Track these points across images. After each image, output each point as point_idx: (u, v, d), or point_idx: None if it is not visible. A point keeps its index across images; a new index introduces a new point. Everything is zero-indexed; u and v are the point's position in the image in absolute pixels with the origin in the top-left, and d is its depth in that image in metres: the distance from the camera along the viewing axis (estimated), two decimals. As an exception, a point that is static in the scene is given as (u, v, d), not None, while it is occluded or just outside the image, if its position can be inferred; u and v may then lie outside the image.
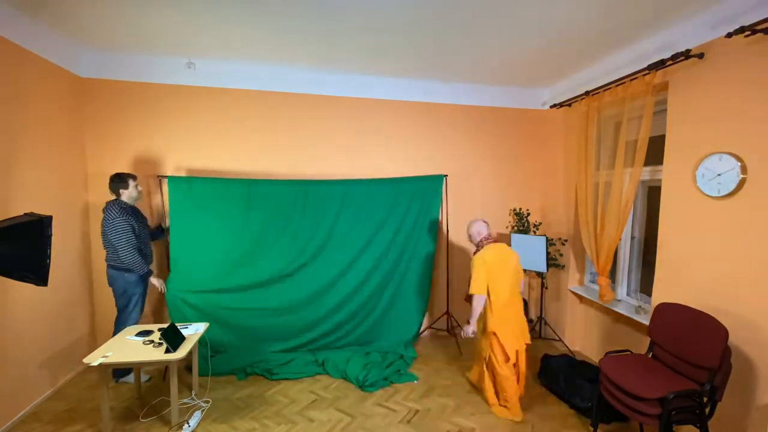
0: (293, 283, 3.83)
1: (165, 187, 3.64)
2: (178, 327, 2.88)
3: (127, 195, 3.14)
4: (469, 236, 3.11)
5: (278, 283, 3.81)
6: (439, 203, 4.17)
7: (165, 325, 2.84)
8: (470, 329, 2.91)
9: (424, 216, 4.11)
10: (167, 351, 2.59)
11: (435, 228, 4.17)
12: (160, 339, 2.72)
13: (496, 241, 3.04)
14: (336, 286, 3.92)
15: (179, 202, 3.56)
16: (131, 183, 3.15)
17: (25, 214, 2.20)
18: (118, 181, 3.12)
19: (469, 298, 2.93)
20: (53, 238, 2.21)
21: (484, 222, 3.09)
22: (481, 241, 3.03)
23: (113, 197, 3.15)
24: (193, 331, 2.93)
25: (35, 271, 2.05)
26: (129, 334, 2.88)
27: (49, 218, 2.13)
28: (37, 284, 2.07)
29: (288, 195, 3.79)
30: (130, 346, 2.68)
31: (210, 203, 3.62)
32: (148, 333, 2.89)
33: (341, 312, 3.92)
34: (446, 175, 4.20)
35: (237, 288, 3.71)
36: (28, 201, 2.82)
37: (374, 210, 3.98)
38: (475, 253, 3.01)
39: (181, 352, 2.59)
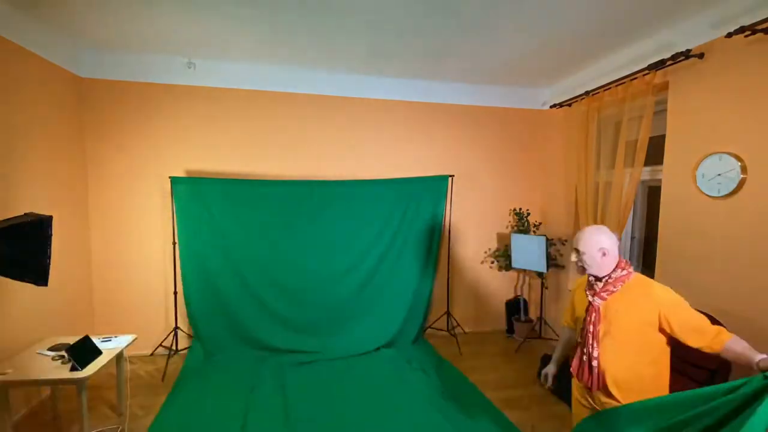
0: (300, 286, 3.84)
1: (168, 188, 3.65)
2: (96, 340, 2.63)
3: None
4: (604, 253, 1.62)
5: (284, 287, 3.81)
6: (444, 203, 4.16)
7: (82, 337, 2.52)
8: None
9: (430, 216, 4.10)
10: (73, 368, 2.30)
11: (440, 228, 4.15)
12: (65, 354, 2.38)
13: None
14: (341, 286, 3.92)
15: (186, 203, 3.58)
16: None
17: (25, 214, 2.20)
18: None
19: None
20: (53, 237, 2.21)
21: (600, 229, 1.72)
22: (620, 263, 1.65)
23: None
24: (114, 345, 2.65)
25: (35, 270, 2.05)
26: (43, 347, 2.60)
27: (49, 218, 2.14)
28: (37, 284, 2.07)
29: (294, 196, 3.79)
30: (37, 362, 2.42)
31: (218, 205, 3.63)
32: (65, 347, 2.48)
33: (343, 311, 3.92)
34: (452, 176, 4.19)
35: (245, 289, 3.73)
36: (28, 201, 2.81)
37: (382, 210, 3.98)
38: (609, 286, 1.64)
39: (89, 371, 2.30)
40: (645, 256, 3.49)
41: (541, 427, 2.83)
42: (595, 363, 1.62)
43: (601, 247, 1.61)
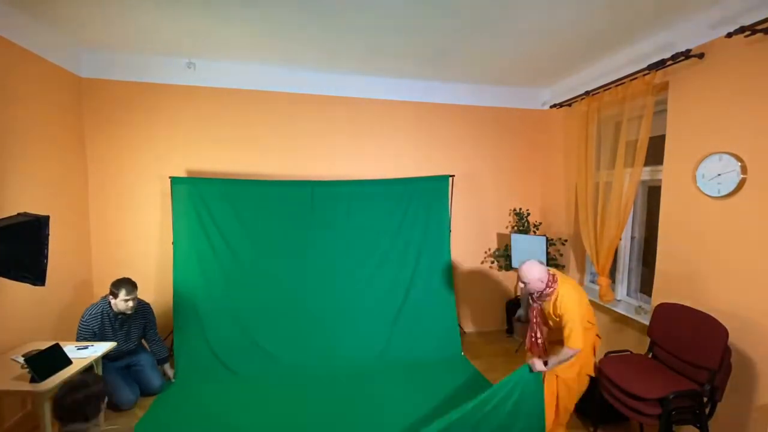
0: (303, 288, 3.82)
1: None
2: (72, 348, 2.54)
3: (113, 304, 2.90)
4: (527, 284, 2.41)
5: (287, 289, 3.79)
6: (446, 203, 4.16)
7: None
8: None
9: (431, 216, 4.08)
10: (32, 380, 2.17)
11: (444, 228, 4.12)
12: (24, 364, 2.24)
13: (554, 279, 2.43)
14: (347, 289, 3.90)
15: (186, 203, 3.56)
16: (122, 294, 2.86)
17: (18, 214, 2.20)
18: (115, 286, 2.89)
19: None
20: (51, 238, 2.21)
21: (537, 262, 2.45)
22: (547, 286, 2.40)
23: None
24: (89, 354, 2.52)
25: (33, 270, 2.05)
26: (20, 352, 2.48)
27: (46, 218, 2.13)
28: (35, 284, 2.07)
29: (293, 196, 3.79)
30: (4, 369, 2.33)
31: (218, 205, 3.63)
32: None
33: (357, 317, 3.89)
34: (453, 176, 4.18)
35: (243, 290, 3.70)
36: (27, 201, 2.81)
37: (382, 211, 3.97)
38: (549, 295, 2.41)
39: (49, 384, 2.15)
40: (645, 256, 3.49)
41: (541, 428, 2.82)
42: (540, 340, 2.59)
43: (539, 277, 2.40)
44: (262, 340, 3.68)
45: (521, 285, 2.63)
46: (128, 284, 2.91)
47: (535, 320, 2.55)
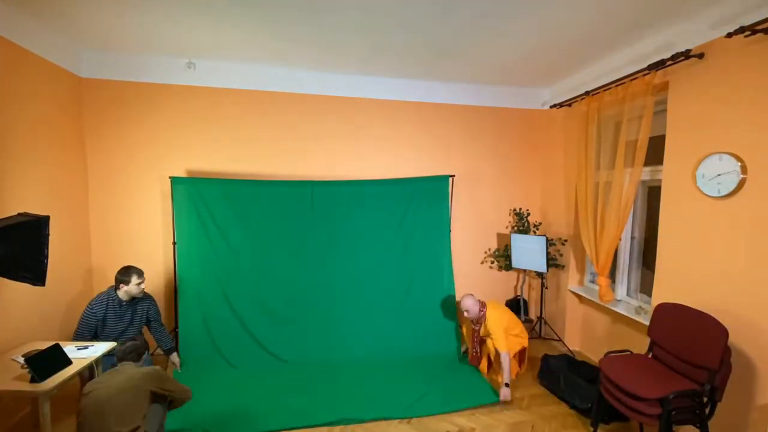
0: (303, 287, 3.82)
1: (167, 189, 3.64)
2: (71, 348, 2.54)
3: (125, 291, 2.95)
4: (469, 311, 3.41)
5: (287, 288, 3.79)
6: (446, 204, 4.16)
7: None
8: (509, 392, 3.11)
9: (431, 217, 4.09)
10: (32, 380, 2.17)
11: (444, 228, 4.13)
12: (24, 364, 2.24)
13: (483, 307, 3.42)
14: (346, 289, 3.90)
15: (186, 203, 3.57)
16: (134, 279, 2.95)
17: (18, 214, 2.20)
18: (123, 274, 2.96)
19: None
20: (51, 237, 2.21)
21: (470, 295, 3.48)
22: (480, 310, 3.40)
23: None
24: (89, 354, 2.50)
25: (33, 270, 2.05)
26: (20, 352, 2.47)
27: (47, 218, 2.14)
28: (35, 284, 2.08)
29: (294, 196, 3.79)
30: (4, 369, 2.32)
31: (218, 205, 3.63)
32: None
33: (356, 320, 3.89)
34: (453, 176, 4.18)
35: (244, 289, 3.70)
36: (27, 201, 2.81)
37: (382, 211, 3.97)
38: (480, 321, 3.42)
39: (49, 384, 2.15)
40: (645, 256, 3.49)
41: (541, 427, 2.83)
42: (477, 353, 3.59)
43: (473, 304, 3.40)
44: (263, 338, 3.69)
45: (465, 313, 3.44)
46: (135, 269, 3.02)
47: (475, 340, 3.55)
